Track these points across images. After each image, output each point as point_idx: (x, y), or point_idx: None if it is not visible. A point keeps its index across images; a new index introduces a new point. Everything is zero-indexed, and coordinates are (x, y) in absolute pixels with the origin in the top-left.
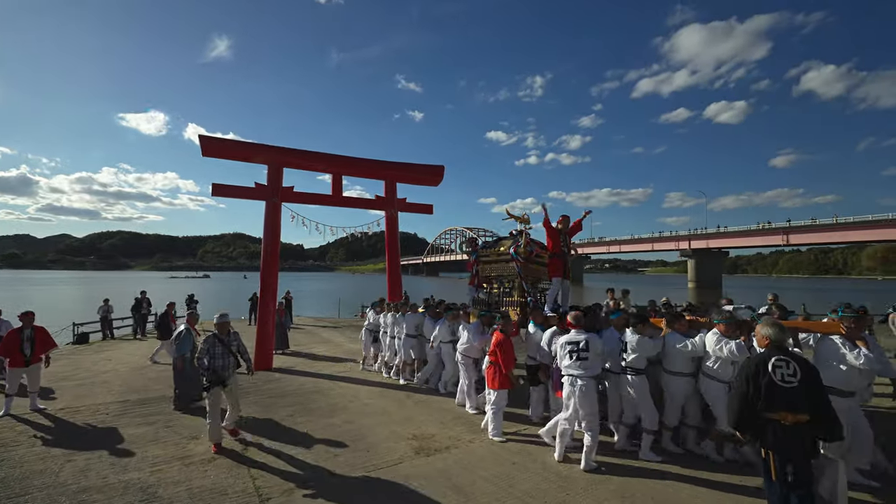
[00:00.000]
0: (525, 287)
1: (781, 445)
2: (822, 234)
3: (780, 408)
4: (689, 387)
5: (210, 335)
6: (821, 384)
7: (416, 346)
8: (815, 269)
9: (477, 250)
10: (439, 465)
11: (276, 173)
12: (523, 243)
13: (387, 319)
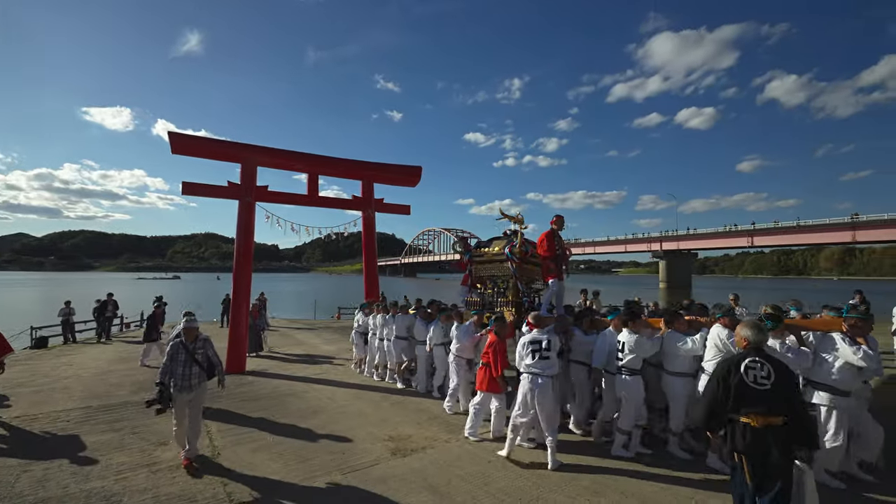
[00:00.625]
0: (520, 287)
1: (751, 448)
2: (784, 237)
3: (750, 409)
4: (692, 387)
5: (177, 340)
6: (796, 388)
7: (406, 348)
8: (778, 270)
9: (470, 250)
10: (415, 465)
11: (250, 172)
12: (518, 243)
13: (376, 321)
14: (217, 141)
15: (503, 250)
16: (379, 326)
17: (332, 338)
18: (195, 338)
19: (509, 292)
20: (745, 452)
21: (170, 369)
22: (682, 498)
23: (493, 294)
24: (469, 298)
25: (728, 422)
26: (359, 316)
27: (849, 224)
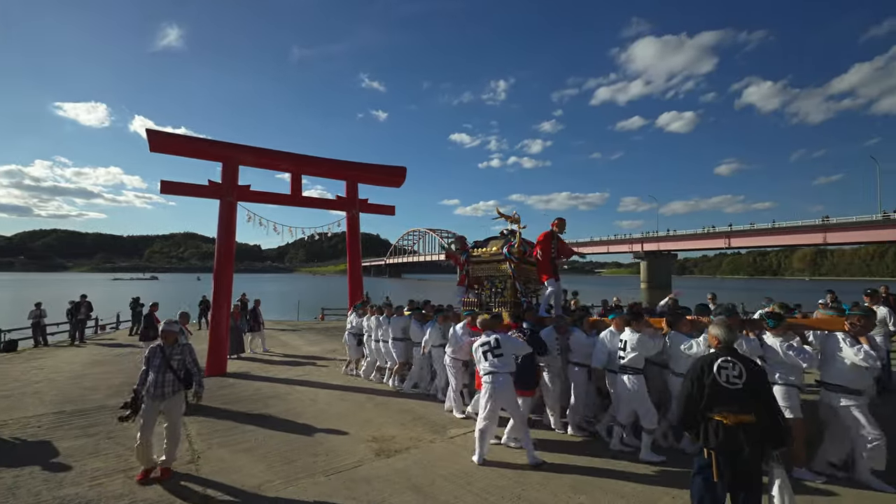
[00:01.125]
0: (518, 287)
1: (724, 445)
2: (759, 238)
3: (722, 408)
4: None
5: (156, 344)
6: (767, 388)
7: (403, 350)
8: (754, 271)
9: (467, 250)
10: (399, 465)
11: (232, 171)
12: (517, 243)
13: (370, 323)
14: (197, 139)
15: (501, 250)
16: (374, 328)
17: (316, 339)
18: (174, 342)
19: (507, 292)
20: (717, 450)
21: (145, 374)
22: (660, 494)
23: (491, 294)
24: (466, 299)
25: (702, 420)
26: (352, 317)
27: (820, 226)
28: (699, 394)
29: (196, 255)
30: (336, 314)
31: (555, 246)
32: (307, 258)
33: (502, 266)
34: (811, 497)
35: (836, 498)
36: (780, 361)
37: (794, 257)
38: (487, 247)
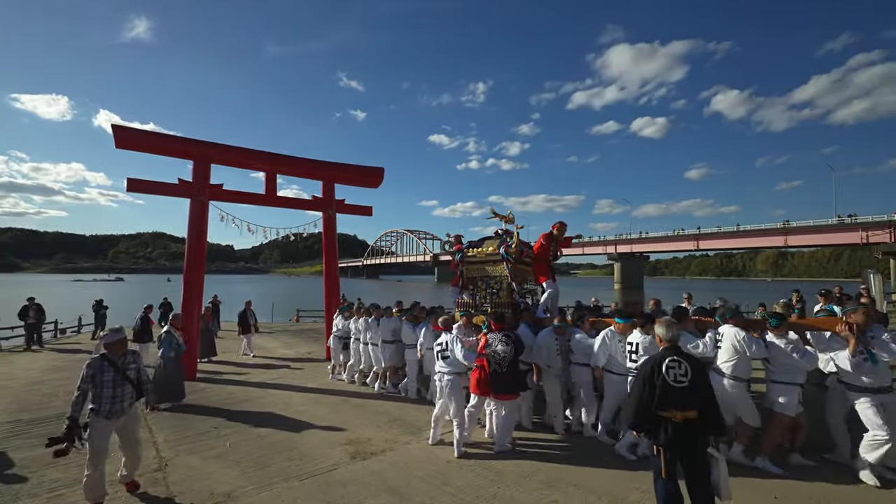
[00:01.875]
0: (514, 288)
1: (672, 442)
2: (726, 241)
3: (671, 406)
4: None
5: (96, 357)
6: (709, 383)
7: (393, 353)
8: (721, 272)
9: (462, 250)
10: (375, 468)
11: (203, 169)
12: (514, 243)
13: (358, 325)
14: (167, 136)
15: (497, 250)
16: (362, 330)
17: (291, 341)
18: (124, 352)
19: (502, 293)
20: (665, 446)
21: (90, 394)
22: (629, 489)
23: (486, 295)
24: (460, 300)
25: (653, 419)
26: (338, 320)
27: (781, 230)
28: (650, 394)
29: (165, 256)
30: (312, 316)
31: (553, 248)
32: (282, 259)
33: (498, 266)
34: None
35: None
36: (785, 361)
37: (758, 259)
38: (482, 247)
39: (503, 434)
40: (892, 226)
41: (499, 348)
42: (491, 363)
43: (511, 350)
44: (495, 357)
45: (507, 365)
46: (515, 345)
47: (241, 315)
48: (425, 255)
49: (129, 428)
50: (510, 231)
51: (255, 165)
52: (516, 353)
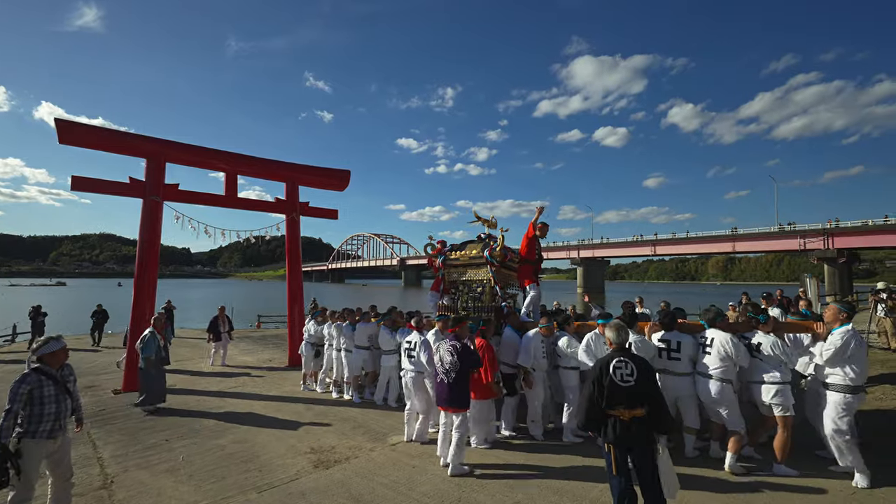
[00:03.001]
0: (498, 292)
1: (620, 440)
2: (680, 247)
3: (619, 405)
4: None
5: (30, 371)
6: (655, 382)
7: (368, 359)
8: (676, 276)
9: (444, 253)
10: (338, 476)
11: (157, 168)
12: (499, 246)
13: (332, 331)
14: (117, 132)
15: (481, 253)
16: (336, 336)
17: (251, 348)
18: (62, 364)
19: (485, 297)
20: (614, 443)
21: (25, 415)
22: (590, 487)
23: (468, 299)
24: (440, 304)
25: (602, 417)
26: (310, 325)
27: (730, 236)
28: (599, 394)
29: (113, 259)
30: (274, 321)
31: (538, 250)
32: (243, 262)
33: (481, 270)
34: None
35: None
36: (775, 360)
37: (709, 264)
38: (465, 250)
39: (457, 454)
40: (826, 234)
41: (446, 358)
42: (438, 372)
43: (456, 361)
44: (441, 366)
45: (455, 376)
46: (461, 356)
47: (212, 322)
48: (392, 260)
49: (64, 449)
50: (493, 235)
51: (214, 165)
52: (463, 365)
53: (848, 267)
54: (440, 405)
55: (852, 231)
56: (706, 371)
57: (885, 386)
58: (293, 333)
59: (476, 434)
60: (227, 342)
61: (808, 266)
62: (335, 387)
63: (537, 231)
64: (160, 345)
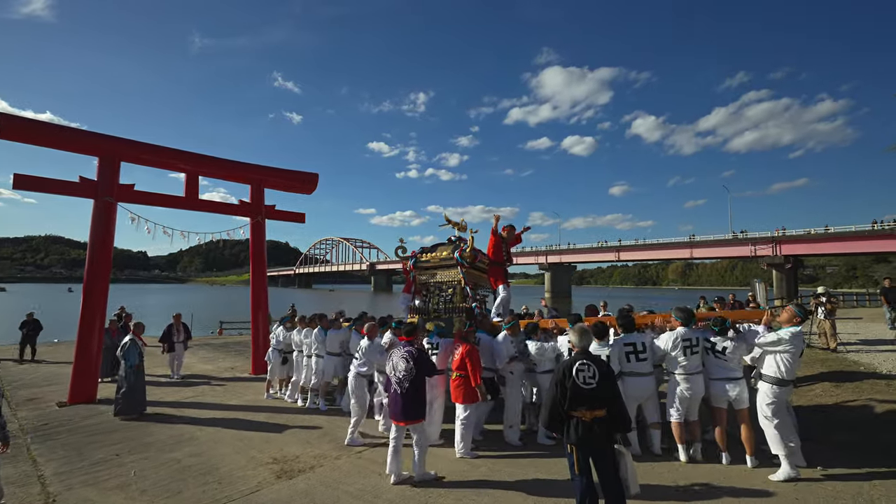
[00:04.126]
0: (468, 292)
1: (582, 440)
2: (643, 253)
3: (581, 406)
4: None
5: None
6: (615, 384)
7: (339, 366)
8: (638, 281)
9: (416, 255)
10: (302, 486)
11: (110, 167)
12: (469, 247)
13: (301, 337)
14: (65, 128)
15: (451, 255)
16: (305, 343)
17: (211, 356)
18: None
19: (456, 297)
20: (576, 444)
21: None
22: (555, 487)
23: (439, 301)
24: (412, 305)
25: (565, 419)
26: (279, 331)
27: (688, 243)
28: (562, 396)
29: (61, 263)
30: (237, 328)
31: (506, 250)
32: (204, 267)
33: (452, 271)
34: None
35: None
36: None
37: (669, 269)
38: (436, 252)
39: (422, 462)
40: (775, 241)
41: (400, 365)
42: (392, 381)
43: (412, 368)
44: (395, 375)
45: (409, 385)
46: (417, 363)
47: (165, 330)
48: (362, 264)
49: None
50: (463, 238)
51: (173, 165)
52: (419, 373)
53: (794, 272)
54: (394, 419)
55: (797, 239)
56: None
57: (824, 383)
58: (257, 340)
59: (465, 440)
60: (182, 352)
61: (758, 272)
62: (301, 394)
63: (503, 233)
64: (141, 352)
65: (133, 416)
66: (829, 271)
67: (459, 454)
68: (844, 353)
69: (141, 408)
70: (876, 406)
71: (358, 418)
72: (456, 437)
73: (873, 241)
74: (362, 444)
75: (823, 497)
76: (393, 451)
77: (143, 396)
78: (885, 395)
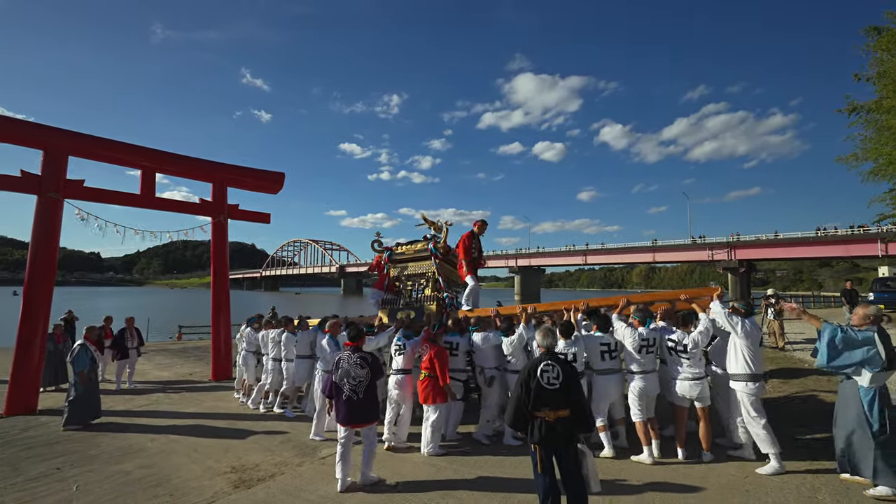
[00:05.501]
0: (441, 283)
1: (545, 440)
2: (608, 256)
3: (545, 407)
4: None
5: None
6: (579, 384)
7: (311, 369)
8: (605, 284)
9: (391, 248)
10: (261, 495)
11: (57, 162)
12: (443, 239)
13: (267, 339)
14: (4, 118)
15: (426, 247)
16: (273, 345)
17: (168, 362)
18: None
19: (428, 289)
20: (539, 443)
21: None
22: (519, 486)
23: (411, 292)
24: (383, 299)
25: (529, 419)
26: (247, 332)
27: (651, 247)
28: (527, 396)
29: (3, 264)
30: (197, 332)
31: (475, 246)
32: (164, 269)
33: (425, 263)
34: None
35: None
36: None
37: (633, 273)
38: (411, 245)
39: (370, 464)
40: (730, 246)
41: (353, 372)
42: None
43: (367, 374)
44: (349, 381)
45: (364, 390)
46: (373, 367)
47: (117, 335)
48: (331, 267)
49: None
50: (438, 237)
51: (129, 161)
52: (373, 377)
53: (747, 276)
54: (346, 423)
55: (750, 244)
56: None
57: (773, 380)
58: (218, 345)
59: (433, 441)
60: (134, 359)
61: (715, 275)
62: (265, 399)
63: (475, 228)
64: (93, 357)
65: (78, 427)
66: (779, 275)
67: (427, 453)
68: (792, 351)
69: (89, 416)
70: (820, 399)
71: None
72: (424, 438)
73: (817, 247)
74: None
75: (771, 488)
76: (342, 455)
77: (97, 406)
78: (827, 389)
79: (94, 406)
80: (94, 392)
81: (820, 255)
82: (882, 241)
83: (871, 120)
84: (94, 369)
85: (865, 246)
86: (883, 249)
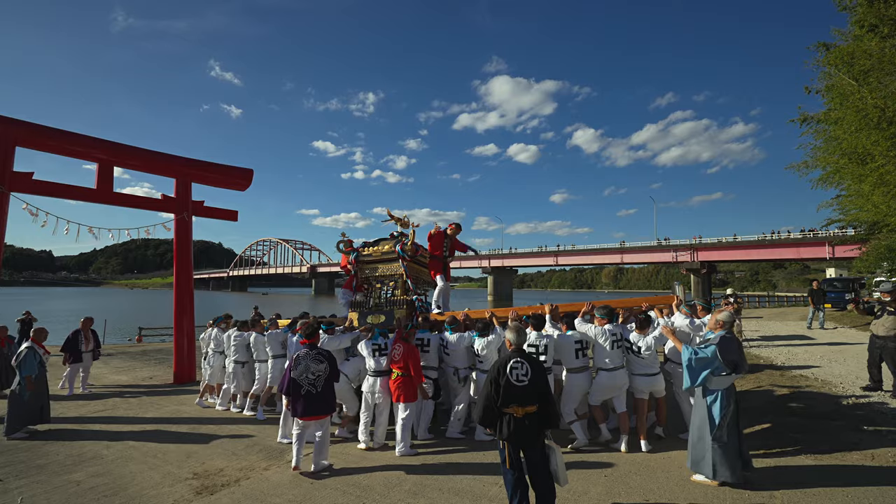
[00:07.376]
0: (410, 285)
1: (514, 436)
2: (579, 257)
3: (513, 403)
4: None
5: None
6: (547, 381)
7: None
8: (575, 285)
9: (357, 250)
10: (225, 501)
11: (2, 152)
12: (410, 241)
13: (230, 339)
14: None
15: (393, 248)
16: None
17: (126, 366)
18: None
19: (398, 291)
20: (508, 440)
21: None
22: (489, 484)
23: (380, 294)
24: (353, 300)
25: (498, 415)
26: (214, 332)
27: (619, 249)
28: (496, 393)
29: None
30: (158, 334)
31: (447, 245)
32: (123, 268)
33: (394, 265)
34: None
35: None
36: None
37: (602, 273)
38: (378, 246)
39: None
40: (693, 248)
41: (312, 367)
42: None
43: (325, 368)
44: (307, 376)
45: (322, 384)
46: (329, 362)
47: (70, 337)
48: (302, 267)
49: None
50: (405, 234)
51: (83, 153)
52: (331, 371)
53: (708, 277)
54: (304, 415)
55: (711, 247)
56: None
57: None
58: (180, 347)
59: (405, 440)
60: (89, 363)
61: (679, 276)
62: (233, 401)
63: (449, 230)
64: (42, 361)
65: (25, 436)
66: (738, 276)
67: (399, 454)
68: (748, 347)
69: (30, 421)
70: (774, 392)
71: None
72: (396, 437)
73: (771, 249)
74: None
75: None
76: (297, 438)
77: (45, 412)
78: (780, 383)
79: (42, 412)
80: (42, 398)
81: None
82: (829, 244)
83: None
84: (42, 374)
85: (815, 248)
86: (830, 252)
